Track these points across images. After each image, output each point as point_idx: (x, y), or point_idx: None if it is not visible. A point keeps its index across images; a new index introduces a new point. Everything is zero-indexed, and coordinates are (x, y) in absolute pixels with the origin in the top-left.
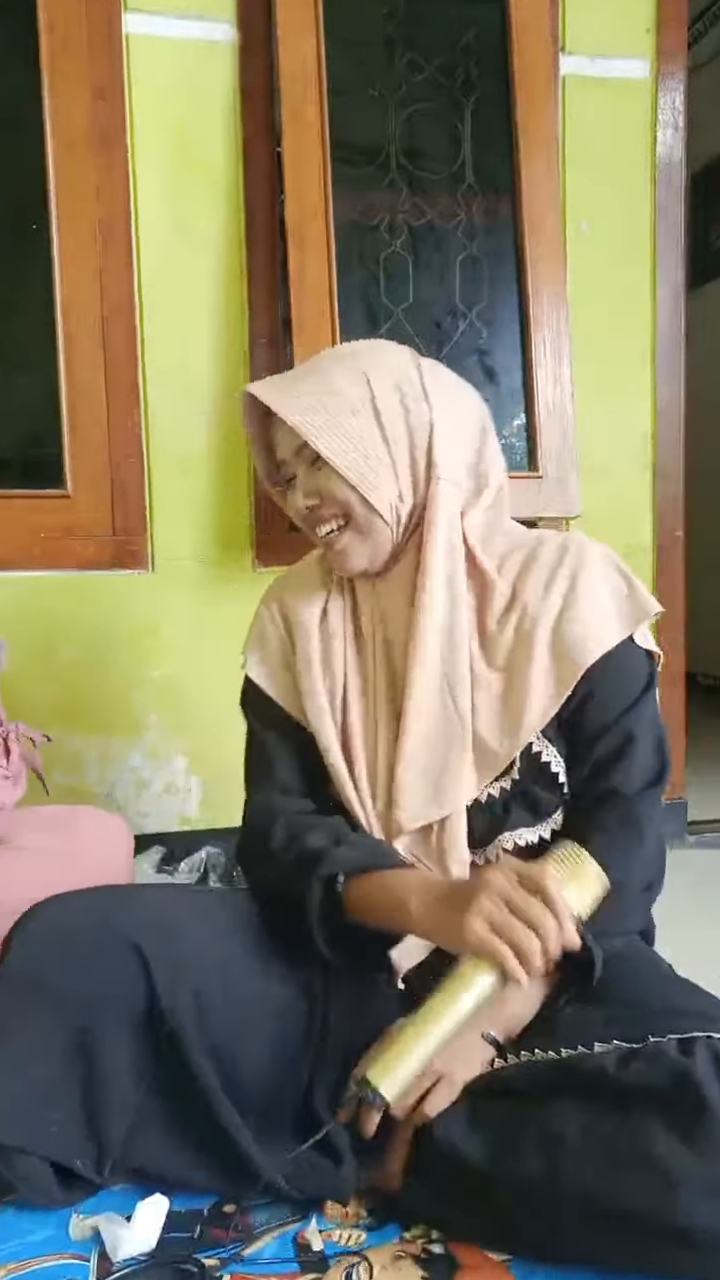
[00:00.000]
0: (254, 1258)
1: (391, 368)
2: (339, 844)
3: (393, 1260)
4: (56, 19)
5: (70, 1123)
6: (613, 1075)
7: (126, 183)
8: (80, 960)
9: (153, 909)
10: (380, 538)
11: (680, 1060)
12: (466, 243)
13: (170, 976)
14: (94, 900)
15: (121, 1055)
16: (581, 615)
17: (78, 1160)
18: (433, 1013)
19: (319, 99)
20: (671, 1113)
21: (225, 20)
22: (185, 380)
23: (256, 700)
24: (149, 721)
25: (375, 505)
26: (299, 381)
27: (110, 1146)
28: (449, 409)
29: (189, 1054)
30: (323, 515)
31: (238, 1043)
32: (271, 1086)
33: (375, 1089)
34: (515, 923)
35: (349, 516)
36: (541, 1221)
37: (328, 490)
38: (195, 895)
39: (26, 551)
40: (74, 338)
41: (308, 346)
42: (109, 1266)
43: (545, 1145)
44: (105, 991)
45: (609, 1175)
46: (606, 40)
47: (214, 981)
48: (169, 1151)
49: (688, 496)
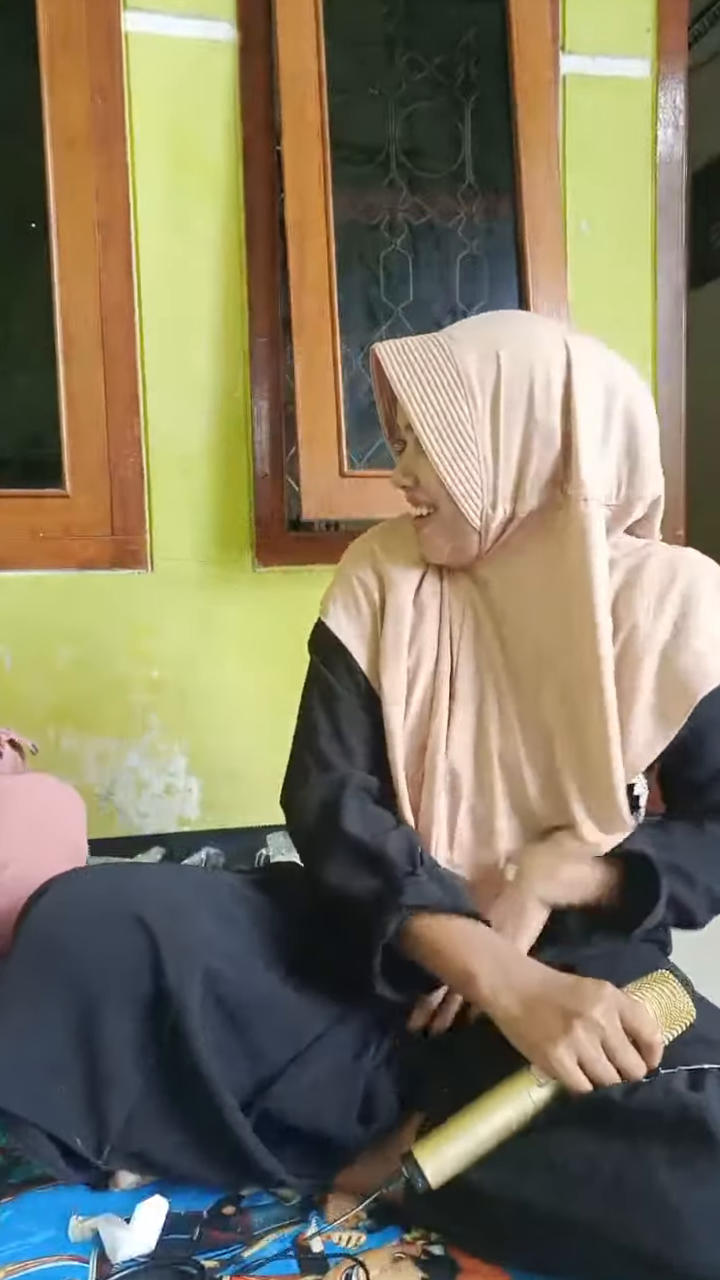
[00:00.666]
0: (254, 1259)
1: (534, 361)
2: (415, 867)
3: (392, 1262)
4: (56, 18)
5: (73, 1099)
6: (620, 1104)
7: (126, 183)
8: (91, 936)
9: (167, 893)
10: (464, 541)
11: (689, 1095)
12: (466, 242)
13: (179, 960)
14: (110, 879)
15: (125, 1036)
16: (693, 646)
17: (77, 1138)
18: (489, 1111)
19: (319, 99)
20: (679, 1147)
21: (225, 20)
22: (185, 380)
23: (334, 655)
24: (149, 721)
25: (463, 510)
26: (430, 351)
27: (110, 1128)
28: (594, 418)
29: (192, 1039)
30: (415, 498)
31: (243, 1031)
32: (283, 1075)
33: (420, 1171)
34: (608, 1069)
35: (435, 509)
36: (544, 1246)
37: (422, 478)
38: (210, 882)
39: (26, 551)
40: (74, 338)
41: (308, 346)
42: (108, 1268)
43: (549, 1172)
44: (113, 969)
45: (614, 1207)
46: (606, 40)
47: (223, 968)
48: (166, 1137)
49: (688, 496)
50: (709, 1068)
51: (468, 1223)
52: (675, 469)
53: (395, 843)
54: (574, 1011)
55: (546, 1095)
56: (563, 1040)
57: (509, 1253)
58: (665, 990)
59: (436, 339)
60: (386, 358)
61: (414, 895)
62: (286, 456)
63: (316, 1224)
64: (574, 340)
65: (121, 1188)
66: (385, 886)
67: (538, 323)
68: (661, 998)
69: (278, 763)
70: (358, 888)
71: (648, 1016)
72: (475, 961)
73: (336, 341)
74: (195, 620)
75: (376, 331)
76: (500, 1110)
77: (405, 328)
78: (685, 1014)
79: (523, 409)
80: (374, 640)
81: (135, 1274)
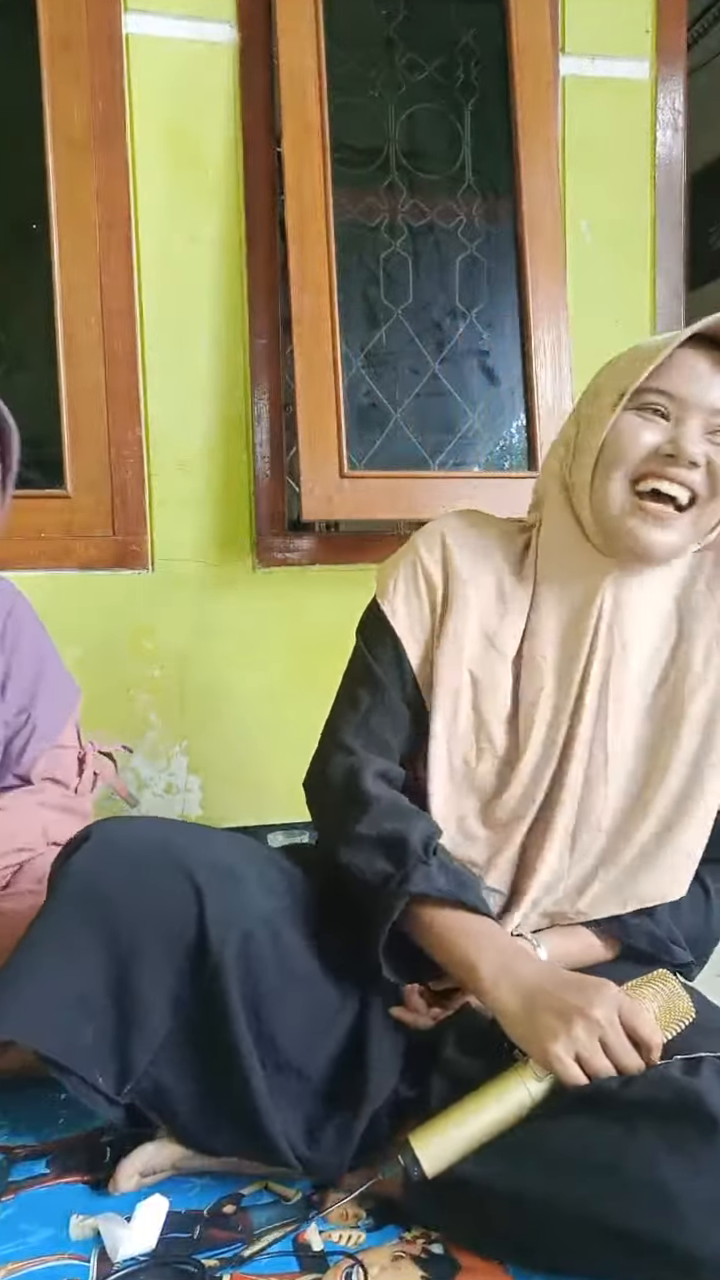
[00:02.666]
0: (254, 1258)
1: None
2: (429, 856)
3: (392, 1261)
4: (57, 20)
5: (100, 1040)
6: (615, 1090)
7: (126, 183)
8: (138, 881)
9: (214, 852)
10: (688, 545)
11: (685, 1079)
12: (466, 243)
13: (223, 915)
14: (158, 827)
15: (161, 982)
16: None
17: (100, 1077)
18: (487, 1103)
19: (319, 99)
20: (675, 1131)
21: (225, 20)
22: (185, 380)
23: (384, 641)
24: (149, 721)
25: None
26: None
27: (133, 1069)
28: None
29: (227, 995)
30: (688, 480)
31: (276, 998)
32: (305, 1045)
33: (416, 1159)
34: (607, 1066)
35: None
36: (542, 1238)
37: (717, 466)
38: (251, 847)
39: (26, 551)
40: (74, 338)
41: (308, 346)
42: (109, 1267)
43: (544, 1158)
44: (158, 915)
45: (610, 1192)
46: (606, 40)
47: (263, 932)
48: (185, 1092)
49: None
50: (705, 1055)
51: (464, 1215)
52: None
53: (416, 829)
54: (574, 1009)
55: (543, 1088)
56: (562, 1037)
57: (505, 1245)
58: (666, 990)
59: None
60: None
61: (422, 882)
62: (286, 456)
63: (316, 1223)
64: None
65: (121, 1192)
66: (396, 871)
67: None
68: (661, 997)
69: (278, 761)
70: (370, 870)
71: (648, 1016)
72: (477, 952)
73: (336, 342)
74: (195, 620)
75: (376, 333)
76: (497, 1103)
77: (405, 329)
78: (685, 1013)
79: None
80: (431, 636)
81: (135, 1273)
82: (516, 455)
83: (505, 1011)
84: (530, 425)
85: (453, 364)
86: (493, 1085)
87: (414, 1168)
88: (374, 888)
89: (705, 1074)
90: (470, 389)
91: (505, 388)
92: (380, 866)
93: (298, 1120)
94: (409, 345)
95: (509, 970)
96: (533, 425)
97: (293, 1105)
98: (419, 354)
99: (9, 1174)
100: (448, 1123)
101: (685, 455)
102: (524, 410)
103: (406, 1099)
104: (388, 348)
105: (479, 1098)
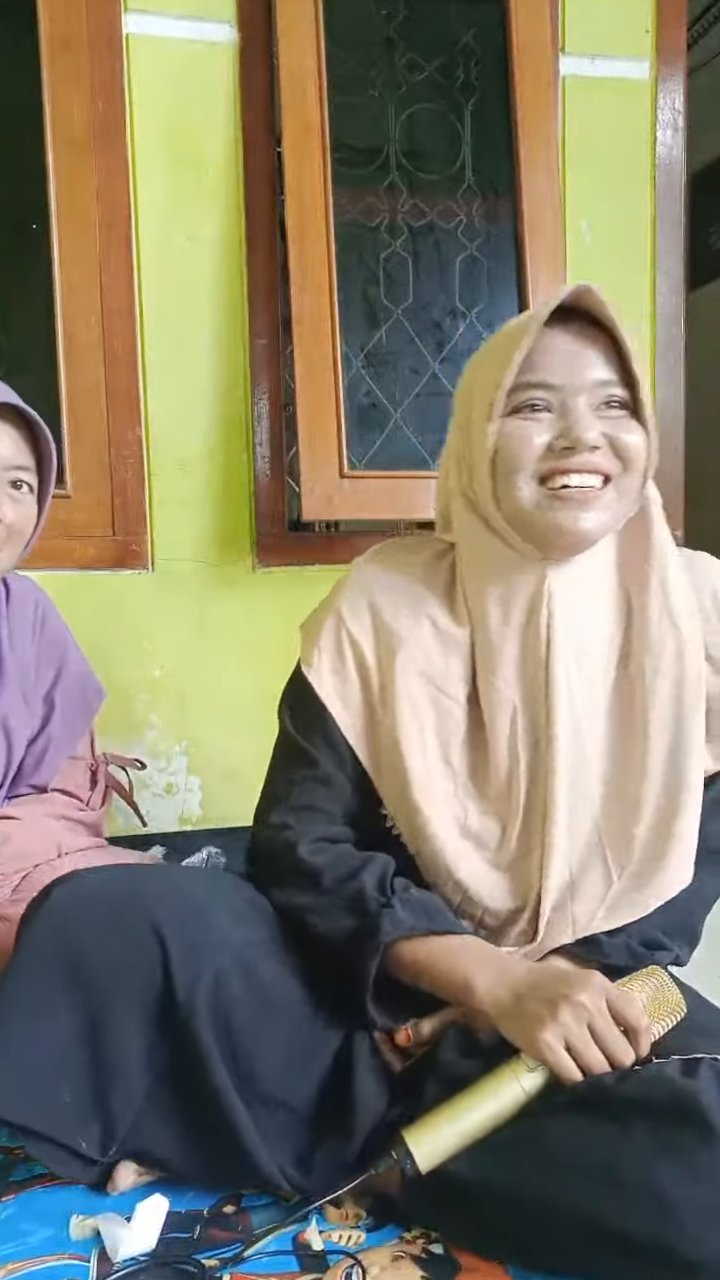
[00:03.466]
0: (254, 1258)
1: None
2: (389, 896)
3: (392, 1261)
4: (56, 19)
5: (77, 1101)
6: (611, 1089)
7: (126, 183)
8: (100, 937)
9: (178, 891)
10: (617, 520)
11: (681, 1080)
12: (466, 243)
13: (189, 962)
14: (119, 877)
15: (133, 1039)
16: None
17: (82, 1141)
18: (480, 1098)
19: (319, 100)
20: (671, 1132)
21: (225, 20)
22: (185, 380)
23: (313, 715)
24: (149, 721)
25: (650, 470)
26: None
27: (116, 1129)
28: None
29: (200, 1044)
30: (595, 465)
31: (255, 1033)
32: (287, 1077)
33: (410, 1155)
34: (594, 1051)
35: (608, 479)
36: (540, 1238)
37: (623, 440)
38: (220, 880)
39: None
40: (74, 338)
41: (308, 346)
42: (109, 1267)
43: (539, 1158)
44: (122, 972)
45: (606, 1193)
46: (606, 40)
47: (235, 969)
48: (173, 1140)
49: (688, 496)
50: (703, 1057)
51: (462, 1215)
52: (674, 470)
53: (369, 876)
54: (561, 995)
55: (537, 1082)
56: (550, 1024)
57: (505, 1245)
58: (654, 982)
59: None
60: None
61: (391, 928)
62: (286, 456)
63: (316, 1223)
64: None
65: (120, 1191)
66: (363, 924)
67: None
68: (649, 988)
69: None
70: (339, 929)
71: (635, 1002)
72: (465, 967)
73: (336, 342)
74: (195, 620)
75: (376, 332)
76: (491, 1097)
77: (405, 328)
78: (676, 1005)
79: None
80: (365, 704)
81: (135, 1273)
82: None
83: (499, 1012)
84: None
85: (453, 364)
86: (486, 1080)
87: (407, 1162)
88: (347, 946)
89: (703, 1076)
90: None
91: None
92: (346, 924)
93: (288, 1151)
94: (409, 345)
95: (499, 974)
96: None
97: (282, 1137)
98: (419, 354)
99: (9, 1174)
100: (441, 1118)
101: (582, 444)
102: None
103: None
104: (388, 348)
105: (472, 1093)
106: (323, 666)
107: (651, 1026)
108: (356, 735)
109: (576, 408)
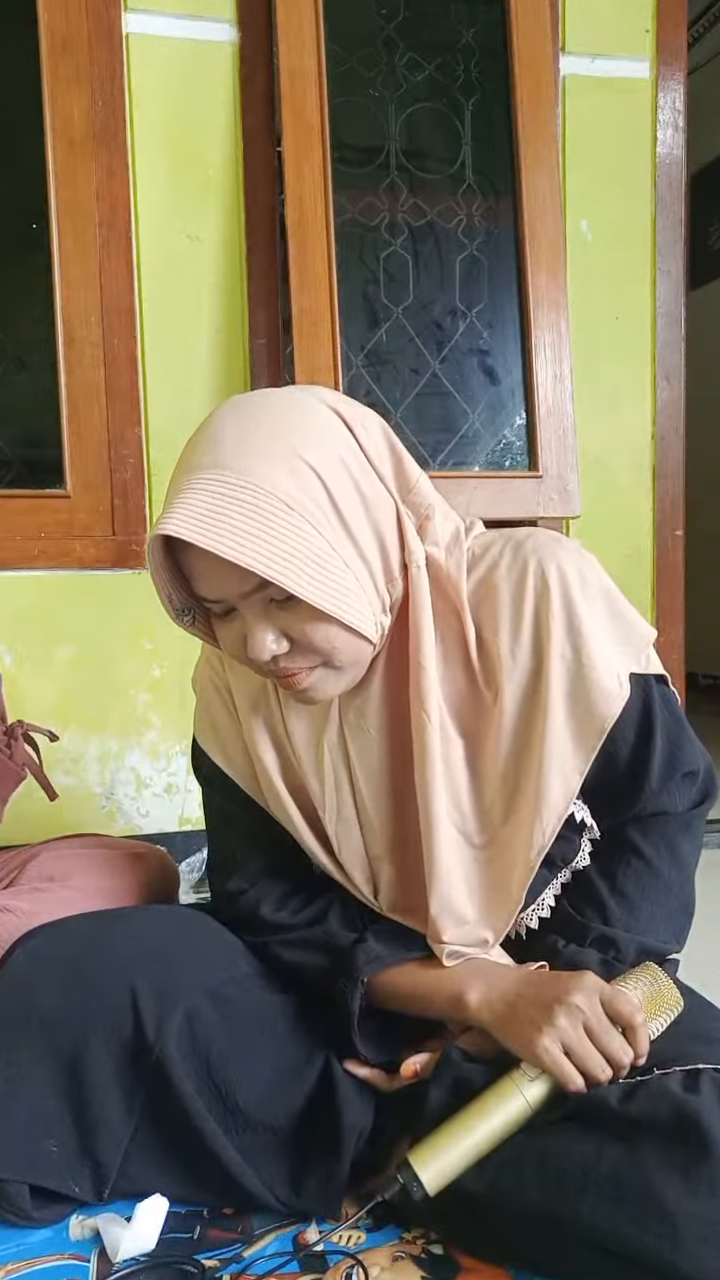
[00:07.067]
0: (254, 1258)
1: (325, 436)
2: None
3: (392, 1261)
4: (57, 19)
5: (64, 1151)
6: (615, 1107)
7: (126, 183)
8: (67, 989)
9: (144, 935)
10: (362, 667)
11: (684, 1097)
12: (466, 243)
13: (158, 1005)
14: (83, 927)
15: (110, 1087)
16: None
17: (75, 1188)
18: (484, 1113)
19: (319, 99)
20: (675, 1152)
21: (225, 20)
22: (185, 380)
23: (212, 775)
24: (149, 721)
25: (365, 634)
26: (225, 502)
27: (107, 1171)
28: (388, 459)
29: (176, 1086)
30: (292, 663)
31: (237, 1062)
32: (274, 1102)
33: (417, 1178)
34: (592, 1052)
35: (323, 659)
36: (547, 1253)
37: (305, 634)
38: (194, 923)
39: (26, 551)
40: (74, 338)
41: (308, 346)
42: (109, 1267)
43: (546, 1175)
44: (92, 1021)
45: (612, 1211)
46: (606, 40)
47: (206, 1003)
48: (164, 1178)
49: (688, 496)
50: (704, 1068)
51: (463, 1227)
52: (675, 470)
53: (334, 915)
54: (553, 998)
55: (539, 1092)
56: (545, 1028)
57: (510, 1256)
58: (648, 978)
59: (224, 483)
60: (201, 535)
61: (367, 964)
62: None
63: (317, 1224)
64: (328, 398)
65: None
66: (338, 965)
67: (294, 403)
68: (644, 985)
69: None
70: (313, 965)
71: (630, 999)
72: (457, 983)
73: (337, 342)
74: None
75: (376, 332)
76: (494, 1111)
77: (405, 328)
78: (672, 1002)
79: (351, 490)
80: (244, 759)
81: (135, 1273)
82: (516, 455)
83: (495, 1022)
84: (530, 425)
85: (453, 363)
86: (488, 1094)
87: (415, 1186)
88: (329, 986)
89: (705, 1091)
90: (470, 388)
91: (505, 388)
92: (319, 962)
93: (280, 1174)
94: (409, 345)
95: (490, 985)
96: (533, 425)
97: (271, 1161)
98: (419, 353)
99: None
100: (446, 1138)
101: (261, 659)
102: (524, 410)
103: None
104: (388, 347)
105: (475, 1109)
106: (205, 730)
107: (649, 1023)
108: (248, 781)
109: (244, 616)
